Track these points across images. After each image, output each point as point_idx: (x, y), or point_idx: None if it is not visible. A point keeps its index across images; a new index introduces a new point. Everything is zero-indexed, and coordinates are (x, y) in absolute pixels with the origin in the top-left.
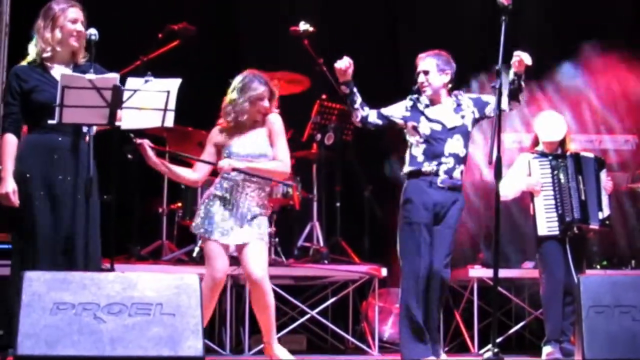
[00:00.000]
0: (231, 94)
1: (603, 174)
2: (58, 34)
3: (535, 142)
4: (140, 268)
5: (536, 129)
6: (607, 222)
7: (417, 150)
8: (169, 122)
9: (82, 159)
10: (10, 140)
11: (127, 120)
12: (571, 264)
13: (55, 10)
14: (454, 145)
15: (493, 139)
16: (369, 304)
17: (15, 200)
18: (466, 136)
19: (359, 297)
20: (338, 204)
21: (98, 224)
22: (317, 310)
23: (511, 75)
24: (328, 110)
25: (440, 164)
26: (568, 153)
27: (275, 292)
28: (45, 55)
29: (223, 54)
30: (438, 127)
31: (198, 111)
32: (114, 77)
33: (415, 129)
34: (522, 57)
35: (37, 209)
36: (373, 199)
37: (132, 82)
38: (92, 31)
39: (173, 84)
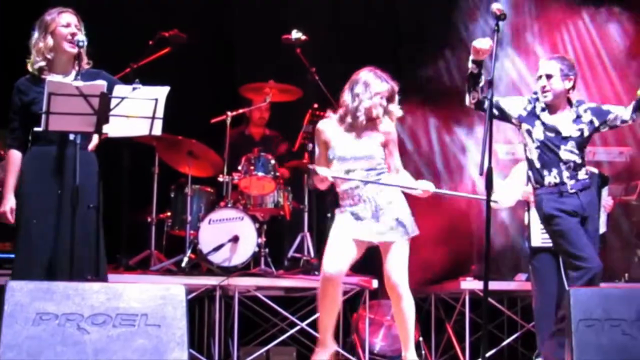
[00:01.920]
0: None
1: (605, 191)
2: (50, 40)
3: None
4: (128, 278)
5: None
6: (603, 239)
7: (532, 154)
8: (157, 130)
9: (72, 168)
10: (14, 156)
11: (115, 128)
12: (564, 277)
13: (47, 19)
14: (568, 153)
15: (484, 150)
16: (360, 315)
17: (11, 218)
18: (580, 146)
19: (349, 309)
20: (329, 215)
21: (89, 233)
22: (307, 321)
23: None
24: (320, 120)
25: (560, 172)
26: None
27: (264, 303)
28: (39, 65)
29: (215, 62)
30: (552, 134)
31: (188, 120)
32: (101, 84)
33: (528, 132)
34: None
35: (32, 221)
36: None
37: (119, 90)
38: (80, 37)
39: (161, 92)
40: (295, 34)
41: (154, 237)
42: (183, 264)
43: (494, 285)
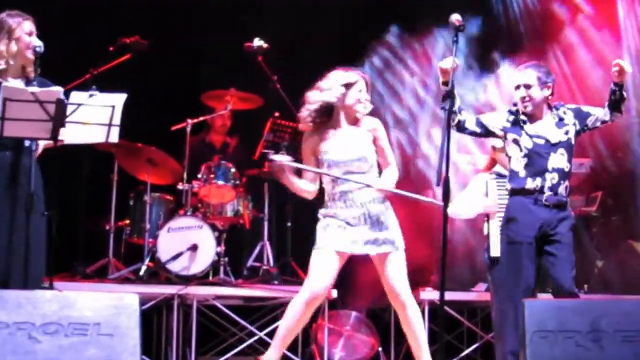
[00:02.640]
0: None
1: None
2: (14, 46)
3: (492, 163)
4: (85, 286)
5: (492, 141)
6: None
7: (518, 164)
8: (114, 137)
9: (27, 175)
10: None
11: (71, 134)
12: None
13: (10, 23)
14: (557, 160)
15: (441, 159)
16: (319, 325)
17: None
18: (570, 150)
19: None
20: (289, 224)
21: (41, 241)
22: (266, 331)
23: (612, 86)
24: (281, 128)
25: (544, 180)
26: None
27: (223, 312)
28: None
29: (176, 70)
30: (541, 142)
31: (148, 127)
32: (57, 90)
33: (516, 142)
34: (622, 66)
35: None
36: None
37: (76, 96)
38: (37, 43)
39: (118, 99)
40: (257, 42)
41: (112, 245)
42: (141, 273)
43: (453, 295)
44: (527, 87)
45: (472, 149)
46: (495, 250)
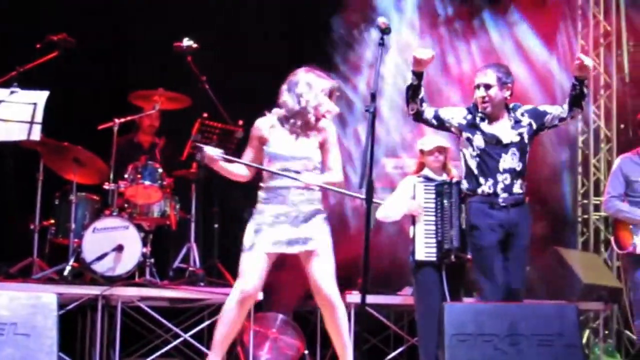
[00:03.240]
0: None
1: None
2: None
3: (420, 166)
4: (7, 286)
5: (420, 145)
6: None
7: (471, 162)
8: (36, 135)
9: None
10: None
11: None
12: (447, 292)
13: None
14: (508, 160)
15: (364, 162)
16: (245, 328)
17: None
18: (522, 151)
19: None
20: (216, 225)
21: None
22: (191, 333)
23: (573, 81)
24: (209, 129)
25: (496, 182)
26: (454, 180)
27: (148, 314)
28: None
29: (105, 68)
30: (493, 142)
31: (75, 126)
32: None
33: (469, 140)
34: (583, 60)
35: None
36: None
37: None
38: None
39: (40, 96)
40: (187, 42)
41: (36, 245)
42: (65, 273)
43: (379, 299)
44: (487, 87)
45: (400, 153)
46: (421, 254)
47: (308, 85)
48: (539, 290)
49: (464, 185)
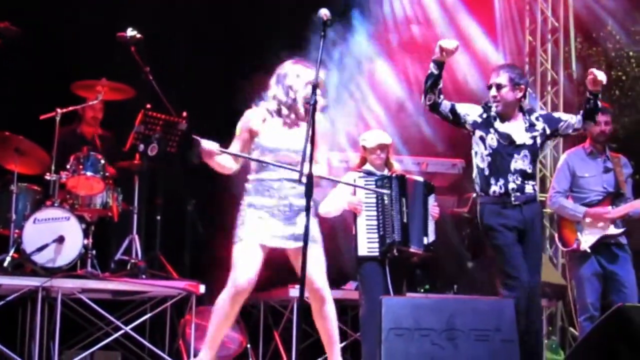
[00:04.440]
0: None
1: (431, 199)
2: None
3: (363, 161)
4: None
5: (362, 141)
6: (431, 247)
7: (482, 163)
8: None
9: None
10: None
11: None
12: (390, 287)
13: None
14: (520, 162)
15: (304, 156)
16: (187, 321)
17: None
18: (534, 155)
19: (176, 314)
20: (159, 217)
21: None
22: (131, 326)
23: (587, 94)
24: (152, 121)
25: (507, 182)
26: (394, 174)
27: (89, 306)
28: None
29: (48, 58)
30: (506, 142)
31: (17, 115)
32: None
33: (482, 140)
34: (596, 75)
35: None
36: (196, 213)
37: None
38: None
39: None
40: (131, 32)
41: None
42: (5, 264)
43: None
44: (499, 87)
45: (345, 147)
46: (363, 249)
47: (297, 77)
48: (481, 286)
49: (476, 180)
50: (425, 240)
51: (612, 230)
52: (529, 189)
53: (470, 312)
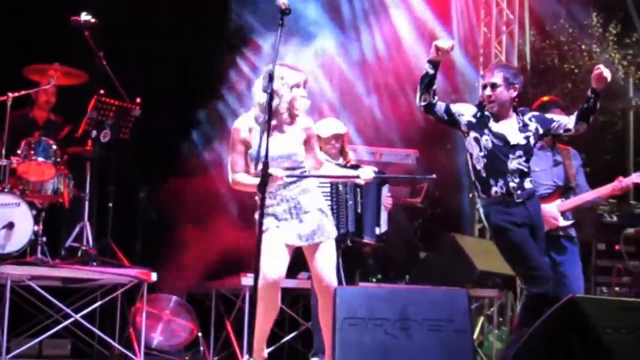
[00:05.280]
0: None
1: (384, 190)
2: None
3: None
4: None
5: (316, 130)
6: (383, 238)
7: (479, 164)
8: None
9: None
10: None
11: None
12: (342, 276)
13: None
14: (515, 161)
15: (259, 148)
16: (138, 309)
17: None
18: (528, 154)
19: (127, 302)
20: (110, 205)
21: None
22: (82, 313)
23: (588, 93)
24: (105, 107)
25: (507, 182)
26: (349, 164)
27: (39, 294)
28: None
29: None
30: (500, 143)
31: None
32: None
33: (477, 141)
34: (603, 71)
35: None
36: (148, 201)
37: None
38: None
39: None
40: (85, 17)
41: None
42: None
43: None
44: (494, 86)
45: None
46: None
47: (281, 80)
48: (434, 276)
49: (478, 184)
50: (377, 231)
51: (562, 222)
52: (528, 185)
53: (424, 302)
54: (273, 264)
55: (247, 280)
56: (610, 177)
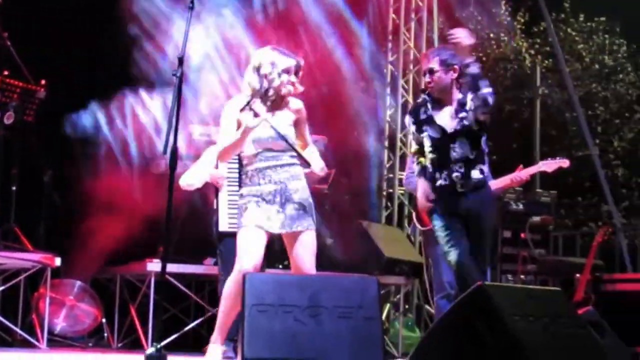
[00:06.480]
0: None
1: None
2: None
3: None
4: None
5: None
6: None
7: (429, 159)
8: None
9: None
10: None
11: None
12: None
13: None
14: (459, 150)
15: (169, 130)
16: (41, 294)
17: None
18: (473, 138)
19: (30, 287)
20: (14, 188)
21: None
22: None
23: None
24: (9, 88)
25: (450, 173)
26: None
27: None
28: None
29: None
30: (439, 134)
31: None
32: None
33: (428, 136)
34: (458, 34)
35: None
36: (52, 184)
37: None
38: None
39: None
40: None
41: None
42: None
43: (181, 268)
44: (431, 72)
45: (209, 121)
46: (224, 225)
47: (272, 65)
48: (342, 263)
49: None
50: None
51: None
52: (475, 174)
53: (334, 289)
54: (250, 251)
55: (152, 265)
56: (516, 165)
